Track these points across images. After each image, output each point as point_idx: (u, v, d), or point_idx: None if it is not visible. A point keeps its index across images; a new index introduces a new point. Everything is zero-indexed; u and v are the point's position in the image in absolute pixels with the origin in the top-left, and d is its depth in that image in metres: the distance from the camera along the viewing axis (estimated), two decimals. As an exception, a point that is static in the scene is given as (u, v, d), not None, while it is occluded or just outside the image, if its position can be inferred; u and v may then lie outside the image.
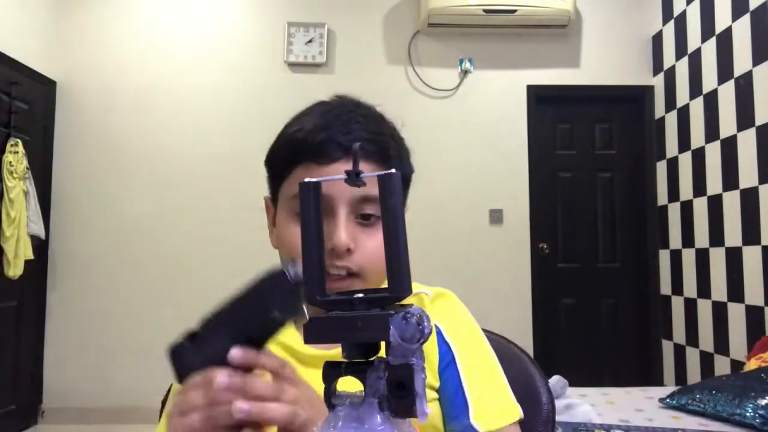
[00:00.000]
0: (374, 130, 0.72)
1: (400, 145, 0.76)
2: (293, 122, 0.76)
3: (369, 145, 0.70)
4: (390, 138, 0.74)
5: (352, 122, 0.71)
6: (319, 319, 0.31)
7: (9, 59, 3.48)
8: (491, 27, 3.91)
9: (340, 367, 0.32)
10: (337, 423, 0.31)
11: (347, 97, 0.78)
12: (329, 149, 0.69)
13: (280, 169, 0.74)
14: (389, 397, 0.30)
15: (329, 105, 0.76)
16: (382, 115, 0.78)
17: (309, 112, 0.76)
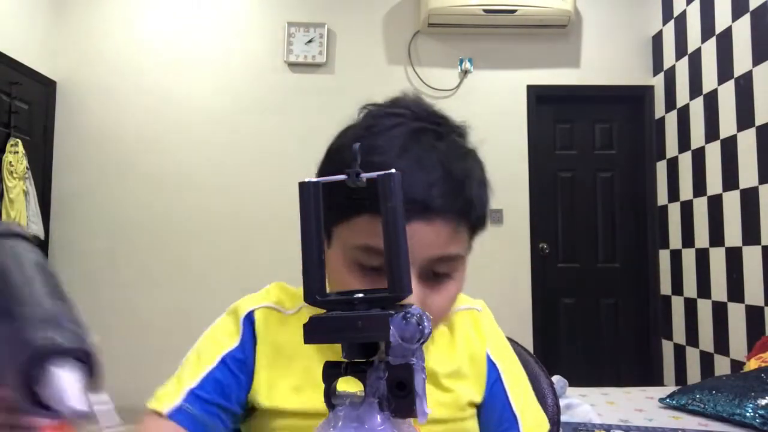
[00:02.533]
0: (458, 180, 0.61)
1: (482, 183, 0.66)
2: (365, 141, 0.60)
3: (451, 202, 0.59)
4: (473, 180, 0.63)
5: (433, 170, 0.59)
6: (319, 319, 0.31)
7: (9, 59, 3.48)
8: (491, 27, 3.91)
9: (340, 367, 0.32)
10: (337, 423, 0.31)
11: (426, 108, 0.66)
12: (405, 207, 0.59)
13: (338, 207, 0.61)
14: (389, 397, 0.30)
15: (411, 126, 0.62)
16: (463, 140, 0.67)
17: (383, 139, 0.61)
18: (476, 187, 0.64)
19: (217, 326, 0.74)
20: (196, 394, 0.67)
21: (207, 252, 3.88)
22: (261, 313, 0.73)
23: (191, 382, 0.67)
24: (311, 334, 0.32)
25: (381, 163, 0.56)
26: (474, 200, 0.63)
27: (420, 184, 0.58)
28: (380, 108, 0.66)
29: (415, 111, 0.65)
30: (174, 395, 0.66)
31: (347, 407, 0.31)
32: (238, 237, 3.88)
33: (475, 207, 0.63)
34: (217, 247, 3.88)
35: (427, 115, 0.65)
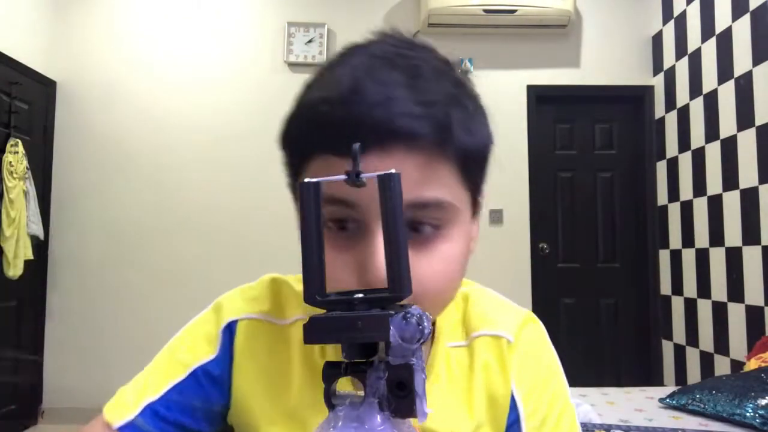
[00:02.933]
0: (427, 99, 0.47)
1: (470, 110, 0.52)
2: (317, 79, 0.53)
3: (418, 123, 0.46)
4: (452, 104, 0.49)
5: (394, 85, 0.47)
6: (319, 319, 0.31)
7: (9, 59, 3.48)
8: (491, 27, 3.91)
9: (340, 367, 0.32)
10: (337, 423, 0.31)
11: (397, 36, 0.53)
12: (356, 133, 0.44)
13: (294, 157, 0.54)
14: (389, 397, 0.30)
15: (367, 52, 0.51)
16: (445, 65, 0.53)
17: (340, 62, 0.52)
18: (458, 110, 0.50)
19: (198, 324, 0.65)
20: (155, 410, 0.59)
21: (207, 252, 3.88)
22: (245, 328, 0.62)
23: (152, 393, 0.60)
24: (311, 335, 0.32)
25: (326, 98, 0.48)
26: (454, 123, 0.49)
27: (376, 99, 0.46)
28: (351, 44, 0.55)
29: (386, 39, 0.53)
30: (130, 406, 0.60)
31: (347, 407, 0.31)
32: (239, 237, 3.88)
33: (455, 133, 0.49)
34: (217, 246, 3.88)
35: (399, 42, 0.52)
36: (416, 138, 0.47)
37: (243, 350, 0.61)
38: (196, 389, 0.60)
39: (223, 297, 0.66)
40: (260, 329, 0.62)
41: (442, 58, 0.54)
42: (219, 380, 0.61)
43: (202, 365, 0.61)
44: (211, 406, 0.61)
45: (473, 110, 0.53)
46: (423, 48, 0.53)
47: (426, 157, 0.48)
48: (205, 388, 0.61)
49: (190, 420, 0.60)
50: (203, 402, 0.61)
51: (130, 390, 0.62)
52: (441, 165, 0.49)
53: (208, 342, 0.62)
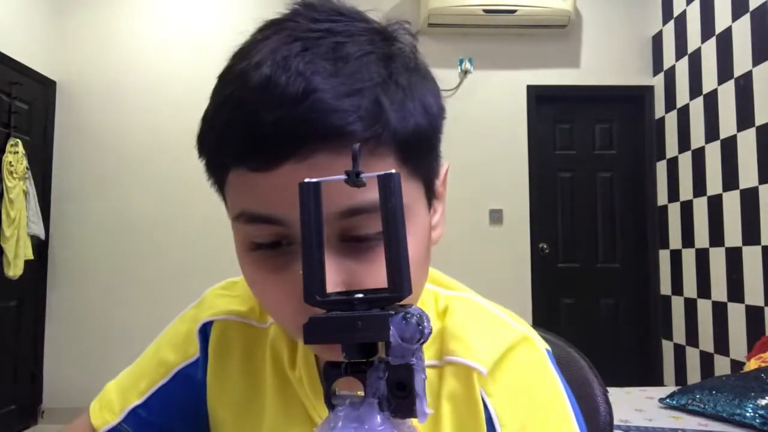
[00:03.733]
0: (353, 87, 0.39)
1: (405, 87, 0.42)
2: (227, 70, 0.44)
3: (343, 119, 0.39)
4: (383, 85, 0.41)
5: (311, 75, 0.39)
6: (319, 319, 0.31)
7: (9, 59, 3.48)
8: (491, 27, 3.91)
9: (340, 368, 0.32)
10: (337, 423, 0.31)
11: (320, 6, 0.44)
12: (268, 142, 0.39)
13: (211, 169, 0.48)
14: (389, 397, 0.30)
15: (282, 33, 0.42)
16: (375, 34, 0.45)
17: (251, 48, 0.42)
18: (391, 91, 0.41)
19: (183, 321, 0.61)
20: (139, 414, 0.57)
21: (207, 251, 3.87)
22: (220, 329, 0.58)
23: (137, 397, 0.58)
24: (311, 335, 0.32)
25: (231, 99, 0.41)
26: (387, 109, 0.40)
27: (284, 98, 0.38)
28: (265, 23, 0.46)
29: (311, 15, 0.43)
30: (115, 410, 0.58)
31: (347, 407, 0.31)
32: (238, 237, 3.88)
33: (389, 120, 0.40)
34: (217, 246, 3.87)
35: (324, 16, 0.43)
36: (343, 137, 0.38)
37: (216, 354, 0.58)
38: (179, 392, 0.58)
39: (210, 290, 0.63)
40: (235, 331, 0.58)
41: (377, 28, 0.46)
42: (200, 383, 0.58)
43: (185, 367, 0.58)
44: (196, 409, 0.59)
45: (409, 85, 0.43)
46: (352, 18, 0.44)
47: (364, 152, 0.39)
48: (189, 392, 0.58)
49: (175, 423, 0.58)
50: (189, 405, 0.58)
51: (115, 389, 0.60)
52: (376, 160, 0.40)
53: (190, 342, 0.59)
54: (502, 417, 0.49)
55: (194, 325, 0.59)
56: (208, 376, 0.58)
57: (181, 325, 0.61)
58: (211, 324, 0.59)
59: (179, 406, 0.58)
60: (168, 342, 0.61)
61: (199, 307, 0.61)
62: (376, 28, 0.46)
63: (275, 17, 0.45)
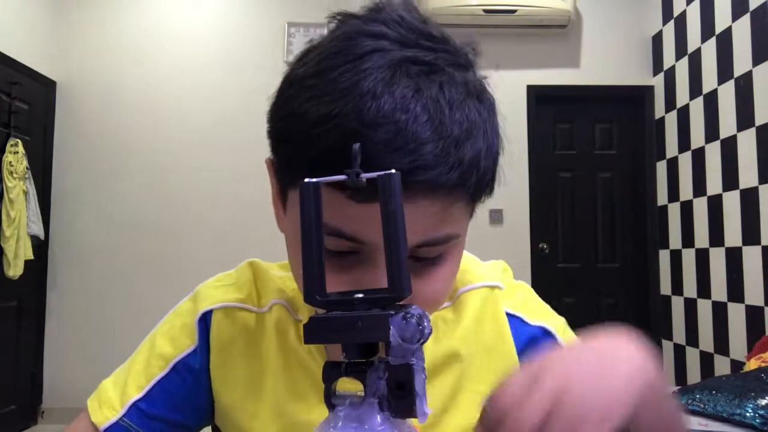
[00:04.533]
0: (451, 136, 0.42)
1: (489, 133, 0.47)
2: (318, 78, 0.44)
3: (441, 171, 0.42)
4: (475, 137, 0.44)
5: (415, 121, 0.41)
6: (319, 319, 0.31)
7: (9, 59, 3.48)
8: (491, 27, 3.91)
9: (340, 368, 0.32)
10: (337, 423, 0.31)
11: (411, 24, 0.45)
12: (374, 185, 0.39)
13: (296, 169, 0.46)
14: (389, 397, 0.30)
15: (384, 58, 0.43)
16: (465, 70, 0.47)
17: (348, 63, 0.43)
18: (480, 144, 0.45)
19: (177, 314, 0.64)
20: (140, 408, 0.58)
21: (207, 251, 3.88)
22: (220, 317, 0.61)
23: (137, 391, 0.59)
24: (311, 335, 0.32)
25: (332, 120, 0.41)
26: (476, 165, 0.44)
27: (391, 144, 0.40)
28: (354, 24, 0.46)
29: (400, 30, 0.45)
30: (115, 406, 0.58)
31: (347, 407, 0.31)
32: (238, 237, 3.87)
33: (477, 174, 0.45)
34: (217, 246, 3.88)
35: (417, 36, 0.45)
36: (441, 188, 0.42)
37: (219, 341, 0.60)
38: (179, 383, 0.59)
39: (202, 284, 0.65)
40: (236, 317, 0.61)
41: (461, 60, 0.48)
42: (199, 373, 0.60)
43: (183, 358, 0.60)
44: (197, 399, 0.60)
45: (492, 126, 0.48)
46: (442, 43, 0.46)
47: (445, 199, 0.43)
48: (188, 382, 0.60)
49: (176, 415, 0.59)
50: (189, 396, 0.60)
51: (112, 386, 0.61)
52: (457, 202, 0.45)
53: (186, 333, 0.61)
54: (527, 315, 0.62)
55: (191, 317, 0.61)
56: (212, 364, 0.60)
57: (176, 319, 0.63)
58: (210, 313, 0.61)
59: (179, 397, 0.59)
60: (164, 335, 0.62)
61: (194, 300, 0.63)
62: (462, 60, 0.48)
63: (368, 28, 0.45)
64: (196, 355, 0.60)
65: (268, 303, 0.61)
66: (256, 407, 0.58)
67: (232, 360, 0.60)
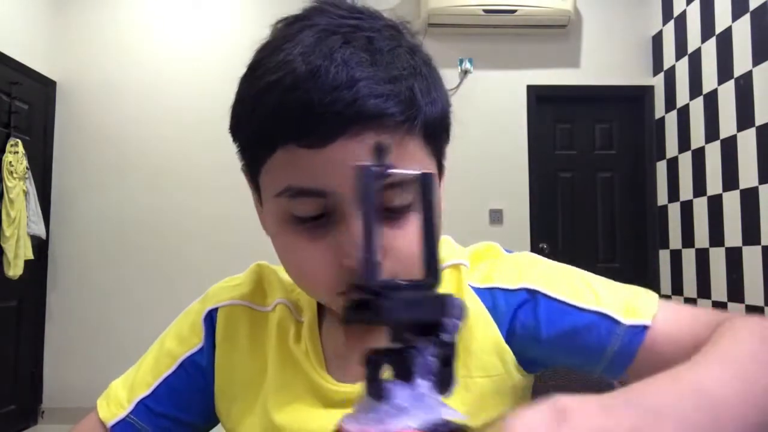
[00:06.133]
0: (391, 75, 0.45)
1: (428, 77, 0.49)
2: (262, 60, 0.48)
3: (386, 103, 0.44)
4: (413, 76, 0.47)
5: (354, 64, 0.44)
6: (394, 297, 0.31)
7: (9, 59, 3.48)
8: (491, 27, 3.91)
9: (388, 353, 0.32)
10: (387, 407, 0.31)
11: (339, 4, 0.50)
12: (321, 121, 0.44)
13: (252, 149, 0.52)
14: (437, 374, 0.31)
15: (316, 27, 0.47)
16: (396, 31, 0.50)
17: (286, 39, 0.47)
18: (418, 83, 0.47)
19: (186, 315, 0.65)
20: (147, 405, 0.59)
21: (207, 251, 3.88)
22: (225, 314, 0.62)
23: (144, 389, 0.60)
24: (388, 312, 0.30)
25: (280, 83, 0.44)
26: (415, 101, 0.46)
27: (334, 83, 0.43)
28: (291, 17, 0.51)
29: (331, 11, 0.48)
30: (123, 403, 0.59)
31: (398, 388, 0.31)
32: (238, 237, 3.87)
33: (418, 110, 0.46)
34: (217, 246, 3.88)
35: (346, 13, 0.48)
36: (386, 118, 0.44)
37: (224, 337, 0.61)
38: (186, 381, 0.60)
39: (213, 287, 0.67)
40: (240, 315, 0.62)
41: (392, 24, 0.50)
42: (206, 370, 0.61)
43: (190, 355, 0.61)
44: (203, 397, 0.61)
45: (430, 76, 0.50)
46: (371, 15, 0.49)
47: (395, 136, 0.45)
48: (195, 379, 0.60)
49: (183, 413, 0.60)
50: (195, 394, 0.61)
51: (121, 385, 0.62)
52: (409, 140, 0.47)
53: (194, 332, 0.62)
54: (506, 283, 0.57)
55: (199, 315, 0.63)
56: (217, 359, 0.61)
57: (186, 318, 0.64)
58: (216, 311, 0.63)
59: (186, 394, 0.60)
60: (173, 335, 0.63)
61: (203, 300, 0.65)
62: (393, 23, 0.51)
63: (295, 14, 0.51)
64: (203, 353, 0.61)
65: (273, 302, 0.62)
66: (251, 404, 0.59)
67: (235, 355, 0.61)
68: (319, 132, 0.44)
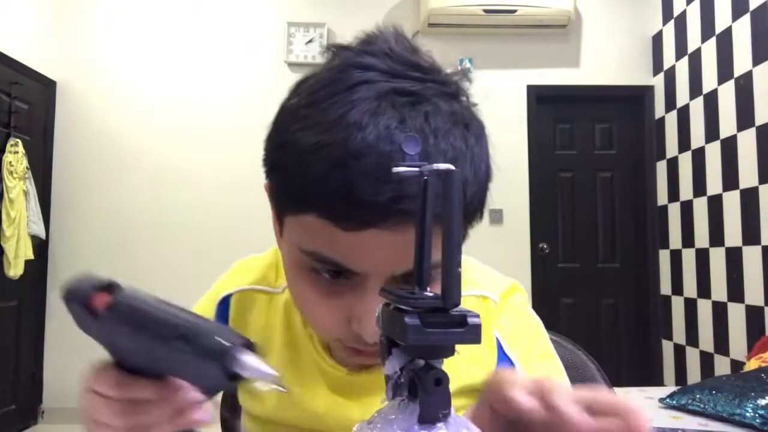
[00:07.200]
0: None
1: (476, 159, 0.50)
2: (311, 110, 0.46)
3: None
4: (462, 163, 0.47)
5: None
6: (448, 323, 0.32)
7: (9, 59, 3.48)
8: (491, 27, 3.91)
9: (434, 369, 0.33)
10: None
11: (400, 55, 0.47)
12: (359, 208, 0.43)
13: (285, 198, 0.50)
14: None
15: (373, 90, 0.45)
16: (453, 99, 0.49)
17: (339, 95, 0.45)
18: (466, 171, 0.48)
19: (200, 304, 0.68)
20: None
21: (207, 251, 3.88)
22: (238, 300, 0.65)
23: None
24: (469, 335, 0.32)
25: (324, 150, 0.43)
26: (464, 190, 0.47)
27: (379, 174, 0.41)
28: (346, 56, 0.48)
29: (388, 62, 0.47)
30: None
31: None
32: (239, 235, 3.87)
33: (465, 198, 0.48)
34: (217, 246, 3.88)
35: (405, 68, 0.47)
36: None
37: (237, 322, 0.64)
38: None
39: (225, 273, 0.70)
40: (252, 299, 0.65)
41: (450, 88, 0.49)
42: None
43: None
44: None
45: (480, 153, 0.50)
46: (430, 73, 0.48)
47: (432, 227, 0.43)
48: None
49: None
50: None
51: None
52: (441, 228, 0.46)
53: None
54: (509, 345, 0.60)
55: (212, 303, 0.66)
56: None
57: (199, 308, 0.67)
58: (229, 297, 0.66)
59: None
60: None
61: (215, 289, 0.68)
62: (449, 89, 0.49)
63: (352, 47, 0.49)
64: None
65: (283, 284, 0.64)
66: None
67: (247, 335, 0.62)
68: (356, 218, 0.43)
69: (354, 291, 0.47)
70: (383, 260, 0.45)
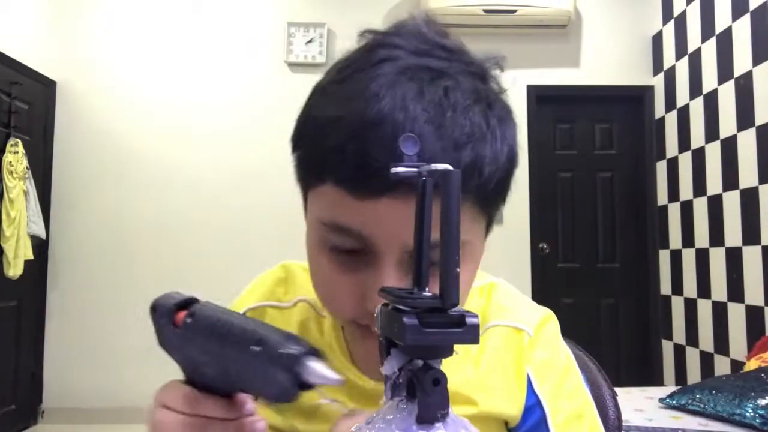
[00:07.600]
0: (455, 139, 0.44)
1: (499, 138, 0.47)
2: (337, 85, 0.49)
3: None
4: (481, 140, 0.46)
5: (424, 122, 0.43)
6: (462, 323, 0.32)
7: (9, 59, 3.48)
8: (491, 27, 3.91)
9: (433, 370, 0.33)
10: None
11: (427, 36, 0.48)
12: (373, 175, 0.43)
13: (306, 170, 0.52)
14: None
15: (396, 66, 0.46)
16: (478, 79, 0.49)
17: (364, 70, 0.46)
18: (484, 150, 0.46)
19: None
20: None
21: (207, 251, 3.88)
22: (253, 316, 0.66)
23: None
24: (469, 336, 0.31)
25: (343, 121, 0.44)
26: (477, 169, 0.45)
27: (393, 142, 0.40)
28: (376, 38, 0.50)
29: (414, 42, 0.48)
30: None
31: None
32: (239, 235, 3.88)
33: (479, 178, 0.46)
34: (217, 245, 3.88)
35: (431, 47, 0.48)
36: None
37: None
38: None
39: (237, 298, 0.70)
40: (264, 315, 0.65)
41: (473, 68, 0.49)
42: None
43: None
44: None
45: (502, 136, 0.48)
46: (458, 54, 0.49)
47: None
48: None
49: None
50: None
51: None
52: (464, 204, 0.46)
53: None
54: (540, 382, 0.60)
55: None
56: None
57: None
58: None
59: None
60: None
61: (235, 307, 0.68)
62: (475, 69, 0.50)
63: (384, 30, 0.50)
64: None
65: (294, 299, 0.65)
66: None
67: None
68: (370, 186, 0.44)
69: (369, 267, 0.48)
70: (397, 230, 0.45)
